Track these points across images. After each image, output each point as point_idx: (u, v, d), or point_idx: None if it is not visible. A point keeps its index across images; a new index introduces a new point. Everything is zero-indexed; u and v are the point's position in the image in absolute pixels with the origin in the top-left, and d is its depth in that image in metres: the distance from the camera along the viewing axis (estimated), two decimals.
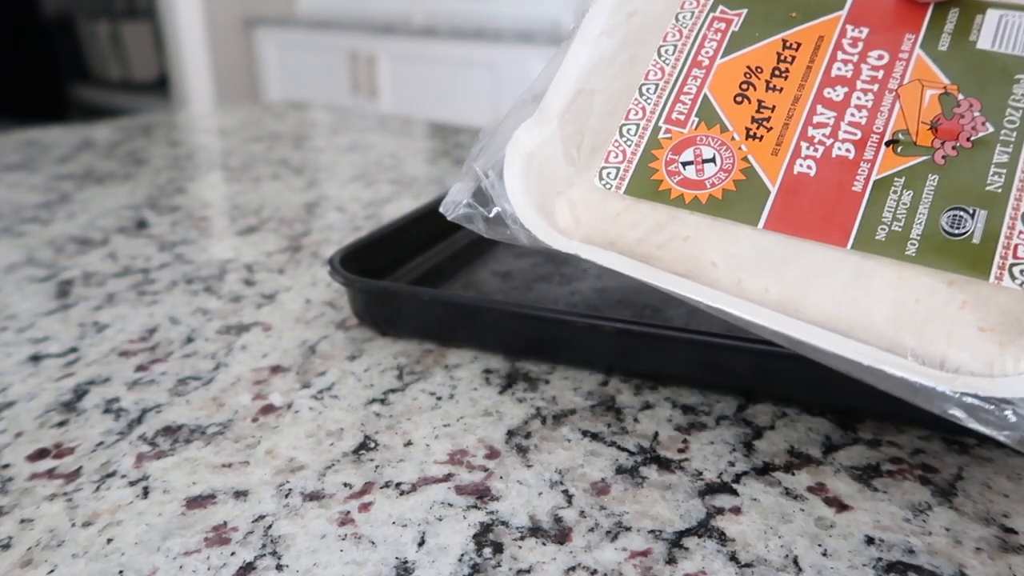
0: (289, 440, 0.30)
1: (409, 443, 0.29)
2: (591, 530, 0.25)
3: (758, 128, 0.28)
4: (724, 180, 0.28)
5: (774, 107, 0.28)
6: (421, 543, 0.24)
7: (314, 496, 0.27)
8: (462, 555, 0.24)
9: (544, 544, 0.24)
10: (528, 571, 0.23)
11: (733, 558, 0.23)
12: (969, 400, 0.22)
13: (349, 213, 0.58)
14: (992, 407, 0.22)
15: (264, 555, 0.24)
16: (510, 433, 0.30)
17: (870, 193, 0.26)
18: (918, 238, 0.25)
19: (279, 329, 0.39)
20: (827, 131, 0.27)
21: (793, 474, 0.27)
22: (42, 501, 0.27)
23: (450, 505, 0.26)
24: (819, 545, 0.24)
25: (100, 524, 0.25)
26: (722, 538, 0.24)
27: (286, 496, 0.27)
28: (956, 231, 0.25)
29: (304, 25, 2.47)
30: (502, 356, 0.36)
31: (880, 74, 0.28)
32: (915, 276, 0.25)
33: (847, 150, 0.27)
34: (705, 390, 0.33)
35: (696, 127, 0.29)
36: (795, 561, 0.23)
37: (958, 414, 0.23)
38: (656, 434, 0.30)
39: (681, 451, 0.29)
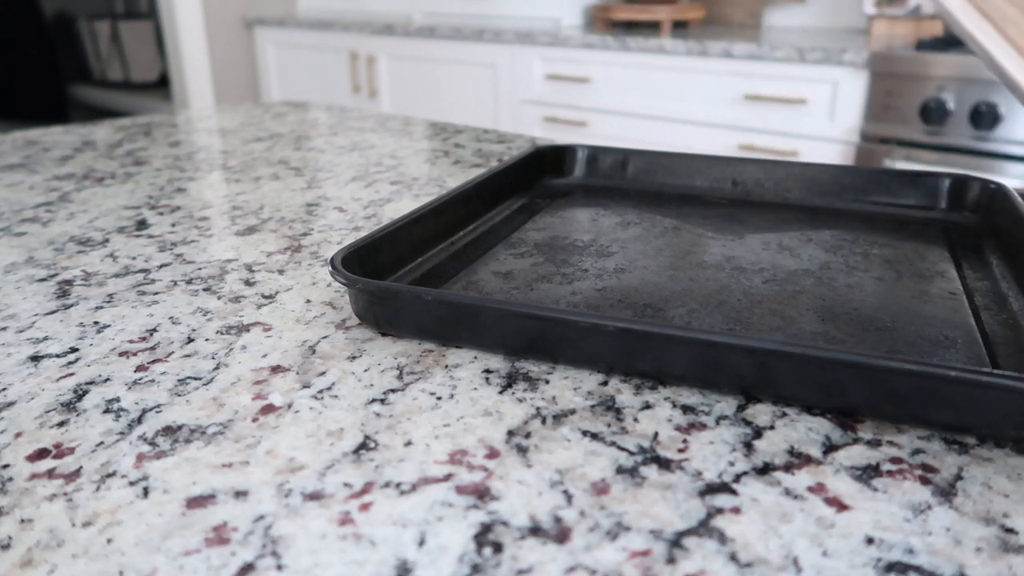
0: (289, 440, 0.30)
1: (409, 443, 0.29)
2: (591, 530, 0.25)
3: None
4: None
5: None
6: (421, 543, 0.24)
7: (314, 496, 0.27)
8: (462, 555, 0.24)
9: (544, 544, 0.24)
10: (528, 571, 0.23)
11: (733, 558, 0.23)
12: None
13: (349, 213, 0.58)
14: None
15: (264, 555, 0.24)
16: (510, 433, 0.30)
17: None
18: None
19: (279, 329, 0.39)
20: None
21: (793, 474, 0.27)
22: (42, 501, 0.27)
23: (450, 505, 0.26)
24: (819, 545, 0.24)
25: (100, 524, 0.25)
26: (722, 538, 0.24)
27: (286, 496, 0.27)
28: None
29: (304, 25, 2.47)
30: (502, 356, 0.36)
31: None
32: None
33: None
34: (705, 390, 0.33)
35: None
36: (795, 561, 0.23)
37: None
38: (656, 434, 0.30)
39: (681, 451, 0.29)
